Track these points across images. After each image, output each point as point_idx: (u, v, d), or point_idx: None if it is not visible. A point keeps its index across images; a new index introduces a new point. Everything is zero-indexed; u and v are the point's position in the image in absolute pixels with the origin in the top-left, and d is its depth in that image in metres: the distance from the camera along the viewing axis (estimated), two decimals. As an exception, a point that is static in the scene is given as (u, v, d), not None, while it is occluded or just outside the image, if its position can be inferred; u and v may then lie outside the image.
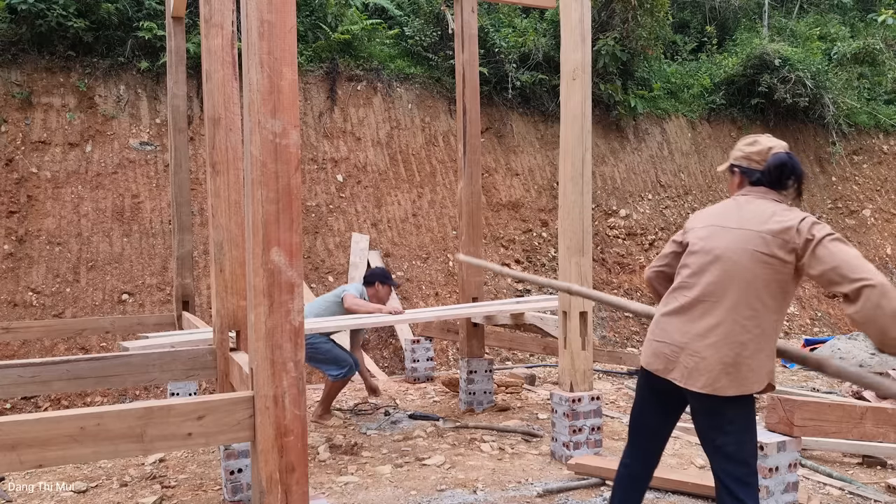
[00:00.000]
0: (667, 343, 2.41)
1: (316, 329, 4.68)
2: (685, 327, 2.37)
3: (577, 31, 4.25)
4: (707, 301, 2.34)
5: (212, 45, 3.58)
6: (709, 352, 2.30)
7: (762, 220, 2.33)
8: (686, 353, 2.35)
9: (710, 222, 2.46)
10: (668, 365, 2.40)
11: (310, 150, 9.62)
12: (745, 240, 2.32)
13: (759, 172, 2.48)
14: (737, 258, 2.31)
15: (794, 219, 2.29)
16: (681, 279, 2.46)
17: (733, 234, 2.35)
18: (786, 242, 2.26)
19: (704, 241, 2.41)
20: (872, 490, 3.91)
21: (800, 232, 2.24)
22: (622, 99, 11.80)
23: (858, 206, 13.56)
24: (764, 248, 2.28)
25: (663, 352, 2.42)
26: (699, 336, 2.33)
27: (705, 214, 2.53)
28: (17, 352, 7.25)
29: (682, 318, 2.39)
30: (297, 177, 2.41)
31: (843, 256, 2.16)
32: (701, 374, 2.31)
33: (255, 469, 2.52)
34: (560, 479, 3.96)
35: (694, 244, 2.45)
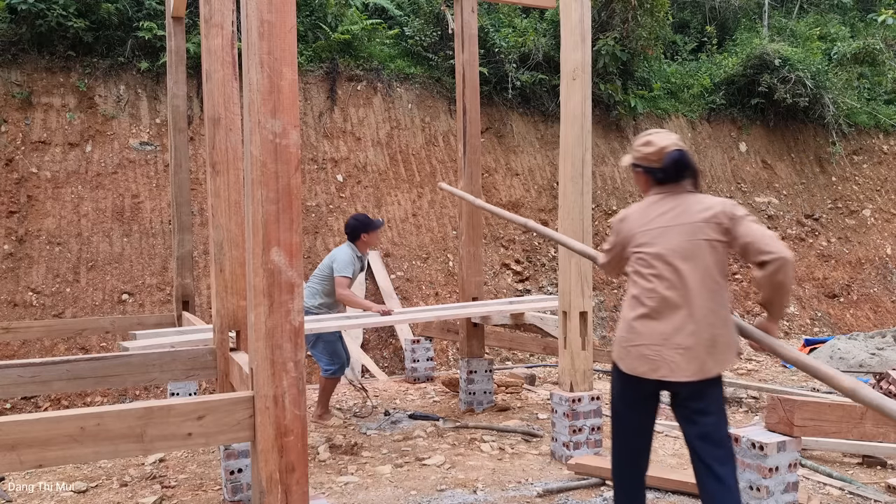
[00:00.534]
0: (646, 345, 2.55)
1: (317, 329, 4.69)
2: (660, 328, 2.53)
3: (577, 31, 4.25)
4: (674, 298, 2.52)
5: (212, 45, 3.58)
6: (690, 341, 2.48)
7: (696, 212, 2.59)
8: (667, 349, 2.50)
9: (644, 226, 2.66)
10: (653, 365, 2.53)
11: (310, 150, 9.62)
12: (691, 233, 2.56)
13: (660, 171, 2.69)
14: (689, 251, 2.54)
15: (717, 203, 2.61)
16: (642, 284, 2.61)
17: (677, 231, 2.58)
18: (719, 225, 2.55)
19: (652, 246, 2.60)
20: (872, 490, 3.91)
21: (725, 213, 2.56)
22: (622, 99, 11.80)
23: (858, 206, 13.56)
24: (708, 236, 2.55)
25: (645, 354, 2.55)
26: (676, 330, 2.50)
27: (638, 218, 2.71)
28: (17, 352, 7.25)
29: (655, 321, 2.55)
30: (297, 177, 2.41)
31: (760, 233, 2.48)
32: (689, 363, 2.48)
33: (255, 469, 2.52)
34: (560, 479, 3.96)
35: (641, 249, 2.64)
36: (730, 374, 7.76)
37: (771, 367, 8.11)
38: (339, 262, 5.21)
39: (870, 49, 13.67)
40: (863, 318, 12.01)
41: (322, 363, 5.32)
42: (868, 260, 12.92)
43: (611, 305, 10.22)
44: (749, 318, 11.13)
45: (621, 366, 2.64)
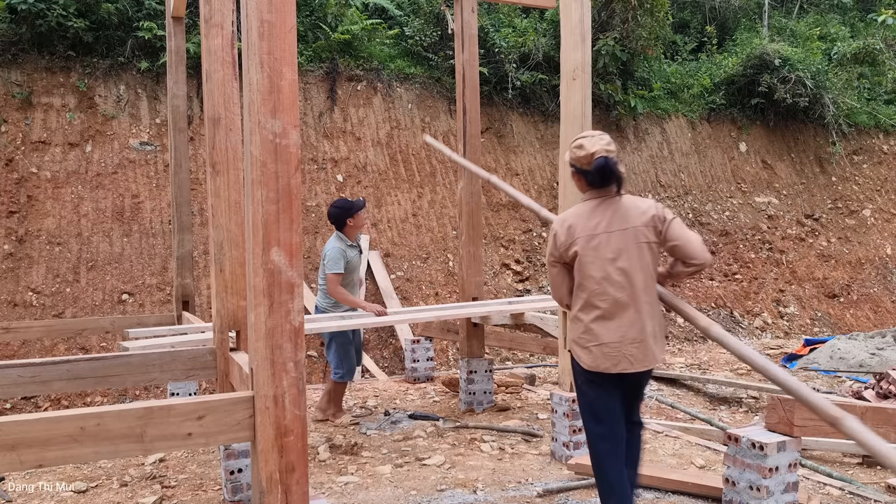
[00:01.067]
0: (605, 344, 2.82)
1: (317, 329, 4.69)
2: (616, 326, 2.81)
3: (577, 31, 4.25)
4: (623, 299, 2.80)
5: (212, 45, 3.58)
6: (642, 335, 2.81)
7: (635, 217, 2.84)
8: (624, 345, 2.80)
9: (589, 231, 2.86)
10: (614, 361, 2.82)
11: (310, 150, 9.62)
12: (631, 237, 2.82)
13: (590, 174, 2.90)
14: (632, 254, 2.81)
15: (650, 206, 2.88)
16: (591, 288, 2.85)
17: (620, 236, 2.82)
18: (654, 228, 2.84)
19: (596, 251, 2.84)
20: (872, 490, 3.91)
21: (658, 217, 2.85)
22: (622, 99, 11.81)
23: (858, 206, 13.56)
24: (647, 238, 2.83)
25: (606, 353, 2.82)
26: (629, 328, 2.80)
27: (581, 223, 2.90)
28: (17, 352, 7.25)
29: (610, 321, 2.81)
30: (297, 177, 2.41)
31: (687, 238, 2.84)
32: (644, 355, 2.81)
33: (255, 469, 2.52)
34: (560, 479, 3.96)
35: (585, 255, 2.85)
36: (730, 374, 7.76)
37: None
38: (328, 258, 5.16)
39: (870, 49, 13.67)
40: (863, 318, 12.01)
41: (332, 365, 5.30)
42: (868, 260, 12.92)
43: (611, 305, 10.22)
44: (749, 318, 11.14)
45: (582, 364, 2.88)
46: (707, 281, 11.42)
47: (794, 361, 8.15)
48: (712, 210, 12.34)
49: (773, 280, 11.92)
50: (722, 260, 11.85)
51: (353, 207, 5.26)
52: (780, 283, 11.94)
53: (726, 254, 11.95)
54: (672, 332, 10.25)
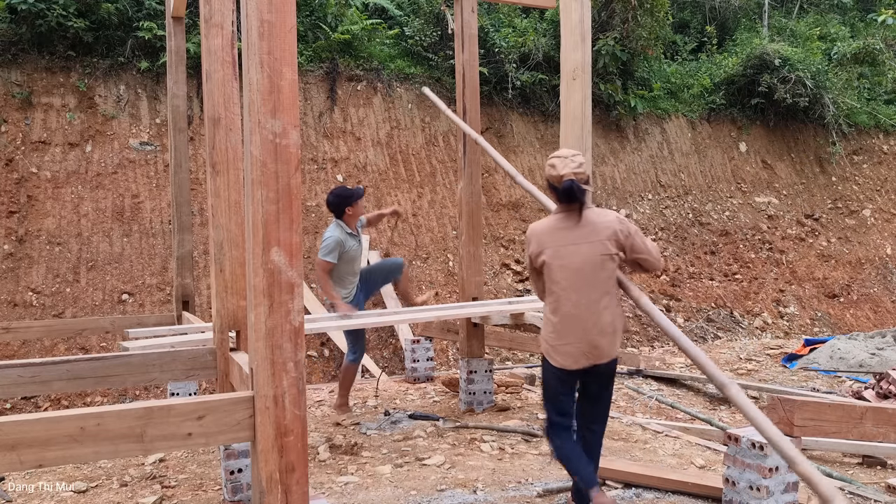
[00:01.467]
0: (570, 343, 3.19)
1: (317, 328, 4.69)
2: (577, 328, 3.17)
3: (577, 31, 4.25)
4: (582, 304, 3.17)
5: (212, 45, 3.58)
6: (599, 333, 3.17)
7: (599, 230, 3.18)
8: (585, 343, 3.17)
9: (558, 244, 3.22)
10: (577, 358, 3.19)
11: (310, 150, 9.62)
12: (592, 251, 3.17)
13: (559, 193, 3.23)
14: (594, 264, 3.16)
15: (613, 220, 3.22)
16: (556, 293, 3.22)
17: (583, 249, 3.18)
18: (616, 241, 3.18)
19: (562, 260, 3.20)
20: (872, 490, 3.91)
21: (622, 231, 3.19)
22: (622, 99, 11.81)
23: (858, 206, 13.56)
24: (605, 251, 3.16)
25: (569, 351, 3.20)
26: (590, 329, 3.16)
27: (550, 236, 3.26)
28: (17, 352, 7.25)
29: (573, 324, 3.18)
30: (297, 177, 2.41)
31: (648, 250, 3.24)
32: (604, 350, 3.18)
33: (255, 469, 2.52)
34: (560, 479, 3.96)
35: (553, 264, 3.22)
36: (730, 374, 7.76)
37: (771, 367, 8.11)
38: (323, 246, 5.18)
39: (870, 49, 13.68)
40: (863, 318, 12.01)
41: (348, 347, 5.42)
42: (868, 260, 12.92)
43: (611, 305, 10.22)
44: (749, 318, 11.14)
45: (551, 361, 3.25)
46: (707, 281, 11.43)
47: (794, 361, 8.15)
48: (712, 210, 12.34)
49: (773, 280, 11.92)
50: (722, 260, 11.85)
51: (353, 196, 5.25)
52: (780, 283, 11.94)
53: (726, 254, 11.95)
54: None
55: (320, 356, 8.21)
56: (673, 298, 10.85)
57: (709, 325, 10.62)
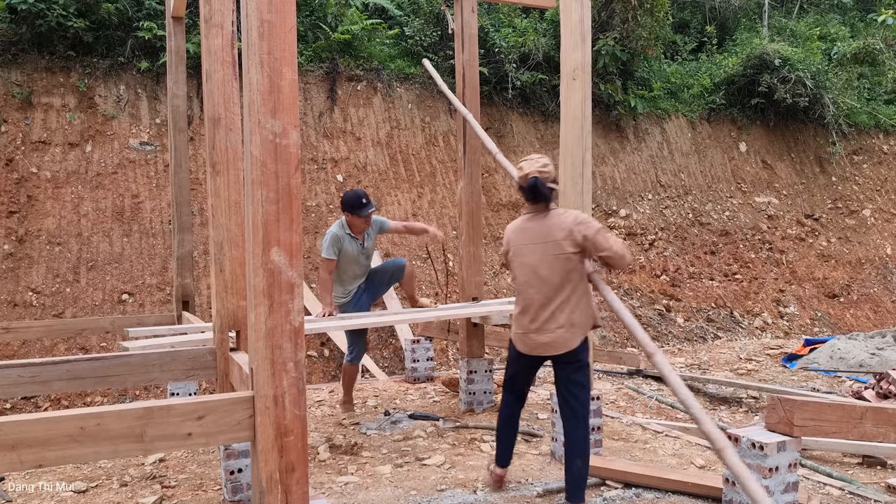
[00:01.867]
0: (526, 333, 3.49)
1: (317, 328, 4.69)
2: (534, 318, 3.45)
3: (577, 31, 4.25)
4: (542, 299, 3.41)
5: (212, 45, 3.58)
6: (555, 326, 3.40)
7: (556, 231, 3.40)
8: (541, 334, 3.43)
9: (519, 242, 3.52)
10: (535, 347, 3.47)
11: (310, 150, 9.62)
12: (548, 250, 3.41)
13: (524, 191, 3.49)
14: (546, 264, 3.40)
15: (570, 221, 3.41)
16: (518, 288, 3.52)
17: (539, 248, 3.43)
18: (574, 241, 3.37)
19: (522, 258, 3.49)
20: (872, 490, 3.91)
21: (579, 231, 3.37)
22: (622, 99, 11.81)
23: (858, 206, 13.56)
24: (563, 250, 3.38)
25: (525, 341, 3.50)
26: (546, 321, 3.41)
27: (516, 235, 3.56)
28: (17, 352, 7.25)
29: (529, 315, 3.47)
30: (297, 177, 2.41)
31: (610, 246, 3.38)
32: (559, 342, 3.41)
33: (255, 469, 2.52)
34: (560, 479, 3.96)
35: (514, 261, 3.53)
36: (730, 374, 7.76)
37: (771, 367, 8.12)
38: (323, 243, 5.24)
39: (870, 49, 13.68)
40: (863, 318, 12.01)
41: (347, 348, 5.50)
42: (868, 260, 12.92)
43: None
44: (749, 318, 11.14)
45: (516, 347, 3.57)
46: (707, 281, 11.43)
47: (794, 361, 8.15)
48: (712, 210, 12.34)
49: (773, 280, 11.92)
50: (722, 260, 11.85)
51: (356, 210, 5.17)
52: (780, 283, 11.94)
53: (726, 254, 11.95)
54: (672, 332, 10.26)
55: (320, 356, 8.22)
56: (673, 298, 10.85)
57: (709, 325, 10.62)
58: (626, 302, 10.41)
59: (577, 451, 3.39)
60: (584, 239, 3.35)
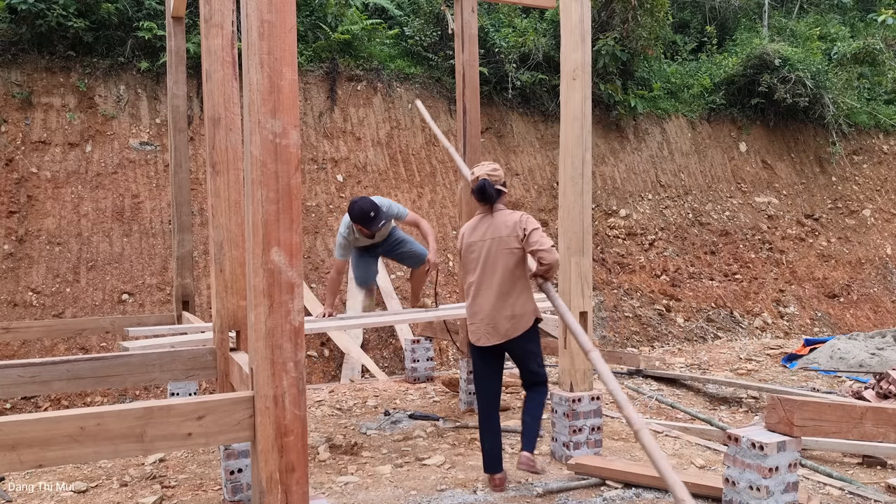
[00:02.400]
0: (482, 322, 3.81)
1: (318, 328, 4.69)
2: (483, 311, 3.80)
3: (577, 31, 4.25)
4: (489, 288, 3.79)
5: (212, 45, 3.58)
6: (505, 314, 3.78)
7: (502, 228, 3.79)
8: (495, 322, 3.77)
9: (471, 239, 3.89)
10: (489, 335, 3.80)
11: (310, 150, 9.62)
12: (497, 245, 3.79)
13: (474, 193, 3.87)
14: (494, 258, 3.79)
15: (516, 220, 3.79)
16: (469, 280, 3.88)
17: (488, 244, 3.82)
18: (517, 236, 3.75)
19: (473, 253, 3.86)
20: (872, 490, 3.91)
21: (519, 226, 3.76)
22: (622, 99, 11.80)
23: (858, 206, 13.56)
24: (509, 245, 3.77)
25: (476, 330, 3.84)
26: (495, 310, 3.77)
27: (469, 232, 3.92)
28: (17, 352, 7.25)
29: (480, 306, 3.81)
30: (297, 177, 2.41)
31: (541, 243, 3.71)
32: (511, 328, 3.77)
33: (255, 469, 2.52)
34: (560, 479, 3.97)
35: (467, 255, 3.90)
36: (730, 374, 7.76)
37: (771, 367, 8.11)
38: (336, 242, 5.39)
39: (870, 49, 13.67)
40: (863, 318, 12.01)
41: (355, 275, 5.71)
42: (868, 260, 12.92)
43: (610, 305, 10.23)
44: (749, 318, 11.14)
45: (475, 342, 3.86)
46: (707, 281, 11.43)
47: (794, 361, 8.15)
48: (712, 210, 12.34)
49: (773, 280, 11.92)
50: (722, 260, 11.85)
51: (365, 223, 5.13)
52: (780, 283, 11.94)
53: (726, 254, 11.95)
54: (672, 332, 10.26)
55: (320, 356, 8.22)
56: (673, 298, 10.85)
57: (709, 325, 10.62)
58: (626, 302, 10.42)
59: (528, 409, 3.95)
60: (524, 233, 3.73)
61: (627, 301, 10.41)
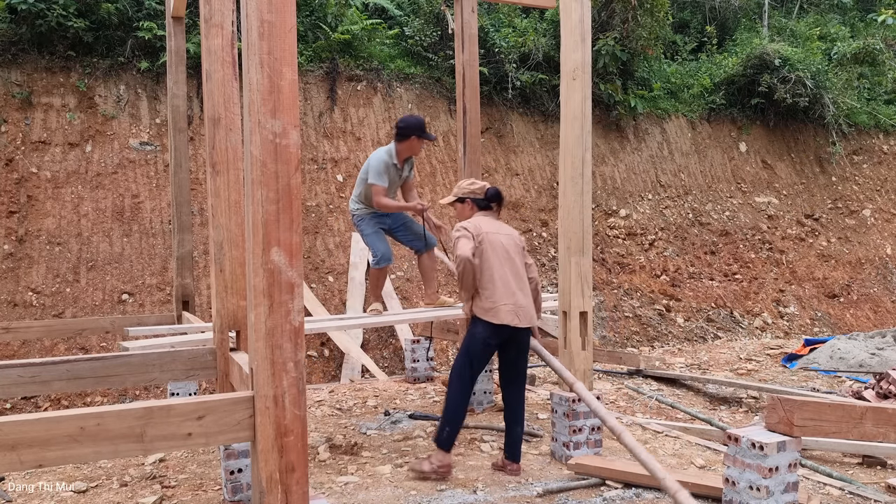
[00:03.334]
0: (515, 305, 3.94)
1: (317, 328, 4.69)
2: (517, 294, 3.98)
3: (577, 31, 4.25)
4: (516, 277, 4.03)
5: (212, 45, 3.58)
6: (527, 301, 4.03)
7: (511, 231, 4.19)
8: (524, 307, 3.98)
9: (489, 231, 4.06)
10: (521, 318, 3.94)
11: (310, 150, 9.62)
12: (510, 239, 4.11)
13: (485, 200, 4.22)
14: (512, 253, 4.07)
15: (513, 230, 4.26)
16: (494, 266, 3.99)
17: (503, 238, 4.09)
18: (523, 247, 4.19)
19: (493, 245, 4.03)
20: (872, 490, 3.91)
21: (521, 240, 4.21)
22: (622, 99, 11.80)
23: (858, 206, 13.56)
24: (517, 242, 4.15)
25: (515, 311, 3.93)
26: (523, 297, 4.00)
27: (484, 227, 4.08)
28: (17, 352, 7.25)
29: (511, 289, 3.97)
30: (297, 177, 2.41)
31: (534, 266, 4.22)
32: (532, 317, 4.03)
33: (255, 469, 2.52)
34: (560, 479, 3.97)
35: (487, 246, 4.02)
36: (730, 374, 7.76)
37: (771, 367, 8.11)
38: (371, 169, 5.07)
39: (870, 49, 13.67)
40: (863, 318, 12.01)
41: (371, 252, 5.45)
42: (868, 260, 12.92)
43: (610, 305, 10.23)
44: (749, 318, 11.14)
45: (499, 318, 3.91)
46: (707, 281, 11.43)
47: (794, 361, 8.15)
48: (712, 210, 12.34)
49: (773, 280, 11.92)
50: (722, 260, 11.85)
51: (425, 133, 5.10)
52: (780, 283, 11.94)
53: (726, 254, 11.95)
54: (672, 332, 10.25)
55: (320, 356, 8.22)
56: (673, 298, 10.85)
57: (709, 325, 10.62)
58: (626, 302, 10.41)
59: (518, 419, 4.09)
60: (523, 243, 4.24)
61: (627, 301, 10.41)
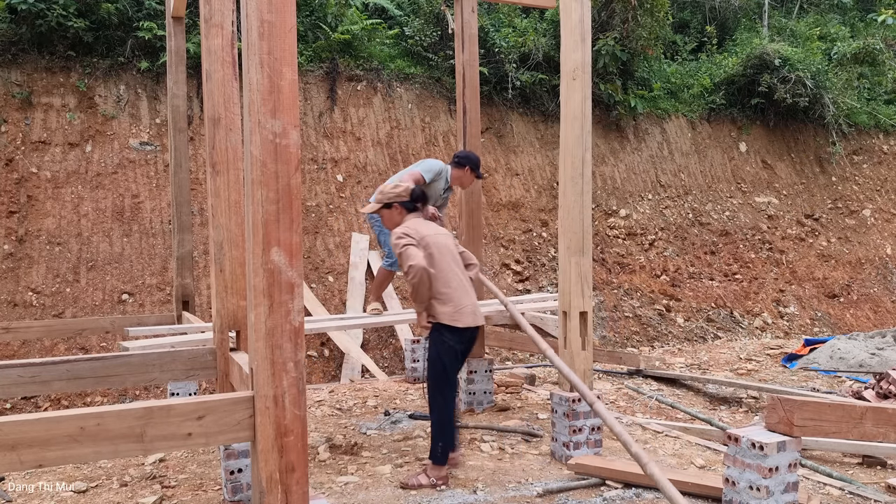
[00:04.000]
0: (472, 305, 4.01)
1: (317, 329, 4.69)
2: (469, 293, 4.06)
3: (577, 31, 4.25)
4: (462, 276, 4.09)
5: (212, 45, 3.58)
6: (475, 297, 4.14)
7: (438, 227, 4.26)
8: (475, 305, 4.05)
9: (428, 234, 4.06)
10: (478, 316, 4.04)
11: (310, 150, 9.62)
12: (448, 238, 4.19)
13: (411, 202, 4.21)
14: (452, 249, 4.15)
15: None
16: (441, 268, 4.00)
17: (442, 237, 4.13)
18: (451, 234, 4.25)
19: (440, 247, 4.05)
20: (872, 490, 3.91)
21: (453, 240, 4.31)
22: (622, 99, 11.80)
23: (858, 206, 13.56)
24: (453, 240, 4.25)
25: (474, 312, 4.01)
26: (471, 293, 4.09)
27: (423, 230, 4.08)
28: (17, 352, 7.25)
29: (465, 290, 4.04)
30: (297, 177, 2.41)
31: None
32: (480, 311, 4.11)
33: (255, 469, 2.52)
34: (560, 479, 3.97)
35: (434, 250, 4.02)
36: (730, 374, 7.76)
37: (771, 367, 8.11)
38: (425, 165, 5.22)
39: (870, 49, 13.67)
40: (863, 318, 12.01)
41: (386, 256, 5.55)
42: (868, 260, 12.92)
43: (610, 305, 10.23)
44: (749, 318, 11.14)
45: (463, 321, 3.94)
46: (707, 281, 11.43)
47: (794, 361, 8.15)
48: (712, 210, 12.34)
49: (773, 280, 11.92)
50: (722, 260, 11.85)
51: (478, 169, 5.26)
52: (780, 283, 11.94)
53: (726, 254, 11.95)
54: (672, 332, 10.25)
55: (320, 356, 8.22)
56: (673, 298, 10.85)
57: (709, 325, 10.62)
58: (626, 302, 10.41)
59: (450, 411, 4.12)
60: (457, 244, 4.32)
61: (627, 301, 10.41)
